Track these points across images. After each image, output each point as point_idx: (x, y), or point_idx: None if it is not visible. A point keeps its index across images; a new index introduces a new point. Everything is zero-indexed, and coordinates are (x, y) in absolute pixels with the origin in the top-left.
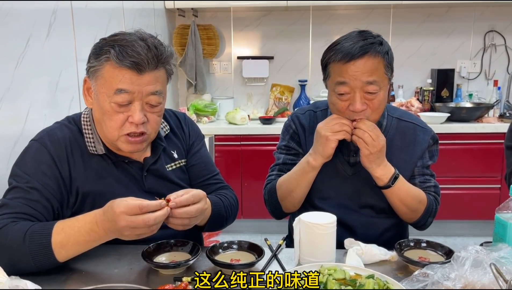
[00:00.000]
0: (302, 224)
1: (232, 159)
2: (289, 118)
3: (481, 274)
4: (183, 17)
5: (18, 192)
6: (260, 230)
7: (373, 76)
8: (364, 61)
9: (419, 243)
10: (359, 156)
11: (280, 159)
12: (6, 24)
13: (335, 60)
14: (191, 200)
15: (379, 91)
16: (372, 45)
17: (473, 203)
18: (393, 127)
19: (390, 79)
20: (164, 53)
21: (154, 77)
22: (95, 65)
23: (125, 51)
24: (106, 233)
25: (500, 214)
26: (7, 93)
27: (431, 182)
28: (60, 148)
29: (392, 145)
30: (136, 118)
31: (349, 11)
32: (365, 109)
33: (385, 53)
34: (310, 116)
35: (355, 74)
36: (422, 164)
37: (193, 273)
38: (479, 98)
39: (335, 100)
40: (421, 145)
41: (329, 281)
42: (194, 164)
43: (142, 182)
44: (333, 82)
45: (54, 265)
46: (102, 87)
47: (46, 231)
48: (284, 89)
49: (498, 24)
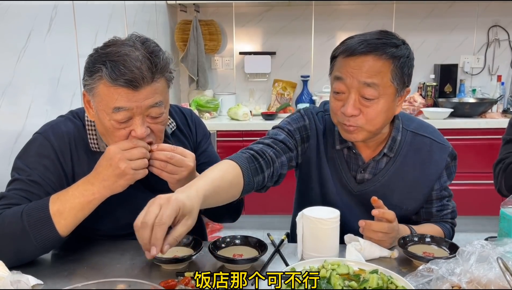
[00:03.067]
0: (305, 219)
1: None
2: (302, 111)
3: (486, 269)
4: (185, 13)
5: (18, 184)
6: (262, 226)
7: (372, 78)
8: (367, 59)
9: (423, 238)
10: (367, 173)
11: (280, 136)
12: (7, 18)
13: (339, 53)
14: (173, 148)
15: (377, 98)
16: (383, 45)
17: (476, 199)
18: (407, 143)
19: (397, 90)
20: (160, 63)
21: (152, 90)
22: (89, 83)
23: (117, 68)
24: (100, 187)
25: (505, 208)
26: (9, 88)
27: (448, 208)
28: (64, 143)
29: (405, 163)
30: (138, 133)
31: (352, 6)
32: (356, 116)
33: (396, 57)
34: (322, 119)
35: (353, 71)
36: (440, 186)
37: (195, 268)
38: (482, 93)
39: (331, 98)
40: (438, 165)
41: (333, 276)
42: (203, 162)
43: (147, 179)
44: (332, 77)
45: (57, 241)
46: (99, 104)
47: (43, 204)
48: (286, 85)
49: (502, 19)
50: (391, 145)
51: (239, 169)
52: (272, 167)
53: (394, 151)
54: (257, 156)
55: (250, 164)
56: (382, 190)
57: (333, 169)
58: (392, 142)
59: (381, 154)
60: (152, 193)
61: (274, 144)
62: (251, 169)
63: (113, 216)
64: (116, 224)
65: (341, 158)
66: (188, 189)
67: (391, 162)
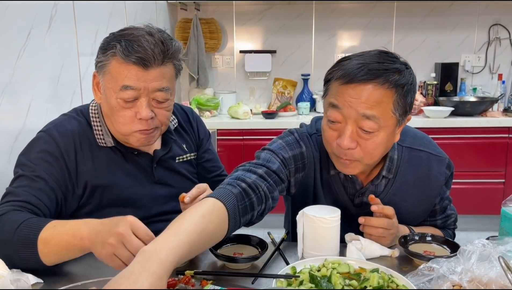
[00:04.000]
0: (305, 218)
1: (234, 154)
2: (296, 135)
3: (487, 268)
4: (185, 11)
5: (23, 180)
6: (263, 225)
7: (373, 110)
8: (367, 88)
9: (424, 237)
10: (366, 197)
11: (274, 165)
12: (7, 17)
13: (336, 77)
14: (199, 191)
15: (377, 131)
16: (385, 71)
17: (477, 198)
18: (404, 160)
19: (399, 121)
20: (171, 48)
21: (161, 73)
22: (102, 60)
23: (131, 46)
24: (89, 237)
25: (506, 207)
26: (8, 86)
27: (452, 217)
28: (68, 141)
29: (404, 181)
30: (143, 114)
31: (352, 4)
32: (353, 149)
33: (400, 85)
34: (317, 142)
35: (351, 100)
36: (441, 198)
37: (196, 267)
38: (483, 92)
39: (325, 126)
40: (437, 180)
41: (333, 274)
42: (207, 159)
43: (152, 174)
44: (327, 103)
45: (37, 265)
46: (109, 82)
47: (38, 226)
48: (286, 84)
49: (503, 17)
50: (389, 166)
51: (225, 213)
52: (265, 204)
53: (393, 172)
54: (249, 191)
55: (239, 202)
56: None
57: (329, 194)
58: (390, 162)
59: (380, 177)
60: (159, 187)
61: (268, 176)
62: (240, 208)
63: (118, 212)
64: None
65: (337, 182)
66: (154, 267)
67: (390, 184)
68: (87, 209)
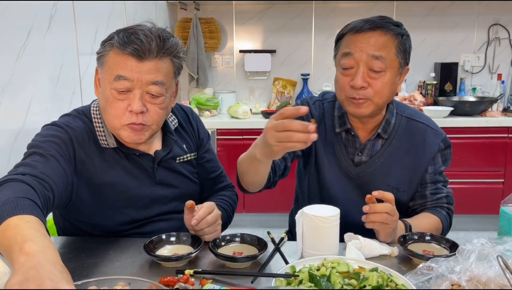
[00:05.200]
0: (305, 217)
1: (234, 153)
2: (299, 102)
3: (486, 267)
4: (185, 11)
5: (37, 156)
6: (262, 224)
7: (380, 51)
8: (374, 34)
9: (423, 237)
10: (364, 155)
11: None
12: (7, 16)
13: (346, 32)
14: (207, 211)
15: (385, 70)
16: (387, 23)
17: (476, 198)
18: (402, 127)
19: (401, 64)
20: (168, 43)
21: (156, 66)
22: (101, 52)
23: (128, 37)
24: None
25: (505, 207)
26: (8, 86)
27: (442, 192)
28: (77, 134)
29: (400, 146)
30: (134, 107)
31: (352, 4)
32: (365, 88)
33: (400, 34)
34: (319, 107)
35: (362, 45)
36: (434, 170)
37: (195, 266)
38: (482, 92)
39: (338, 76)
40: (431, 149)
41: (333, 274)
42: (208, 160)
43: (154, 174)
44: (340, 55)
45: None
46: (105, 74)
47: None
48: (286, 83)
49: (503, 17)
50: (385, 126)
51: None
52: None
53: (388, 133)
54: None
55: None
56: (379, 172)
57: (331, 153)
58: (386, 124)
59: (375, 135)
60: (161, 187)
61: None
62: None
63: (120, 212)
64: (122, 219)
65: (339, 142)
66: None
67: (386, 144)
68: (90, 210)
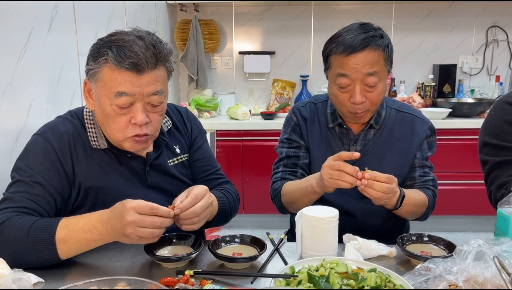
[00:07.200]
0: (304, 218)
1: (233, 155)
2: (290, 111)
3: (483, 268)
4: (185, 12)
5: (21, 186)
6: (262, 225)
7: (373, 68)
8: (365, 54)
9: (421, 237)
10: (359, 145)
11: (283, 153)
12: (8, 18)
13: (337, 52)
14: (194, 201)
15: (378, 83)
16: (373, 38)
17: (474, 199)
18: (392, 118)
19: (389, 71)
20: (163, 51)
21: (154, 76)
22: (93, 68)
23: (122, 52)
24: (108, 232)
25: (502, 208)
26: (9, 87)
27: (429, 175)
28: (63, 143)
29: (391, 135)
30: (138, 119)
31: (351, 6)
32: (364, 102)
33: (386, 46)
34: (310, 108)
35: (356, 66)
36: (422, 156)
37: (195, 267)
38: (481, 93)
39: (336, 92)
40: (419, 135)
41: (331, 274)
42: (197, 159)
43: (145, 177)
44: (334, 74)
45: (56, 262)
46: (102, 89)
47: (51, 227)
48: (285, 84)
49: (501, 19)
50: (376, 118)
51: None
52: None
53: (380, 124)
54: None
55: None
56: (373, 160)
57: (328, 147)
58: (378, 115)
59: (368, 125)
60: (152, 191)
61: (287, 165)
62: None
63: None
64: None
65: (334, 136)
66: None
67: (378, 134)
68: (81, 212)
